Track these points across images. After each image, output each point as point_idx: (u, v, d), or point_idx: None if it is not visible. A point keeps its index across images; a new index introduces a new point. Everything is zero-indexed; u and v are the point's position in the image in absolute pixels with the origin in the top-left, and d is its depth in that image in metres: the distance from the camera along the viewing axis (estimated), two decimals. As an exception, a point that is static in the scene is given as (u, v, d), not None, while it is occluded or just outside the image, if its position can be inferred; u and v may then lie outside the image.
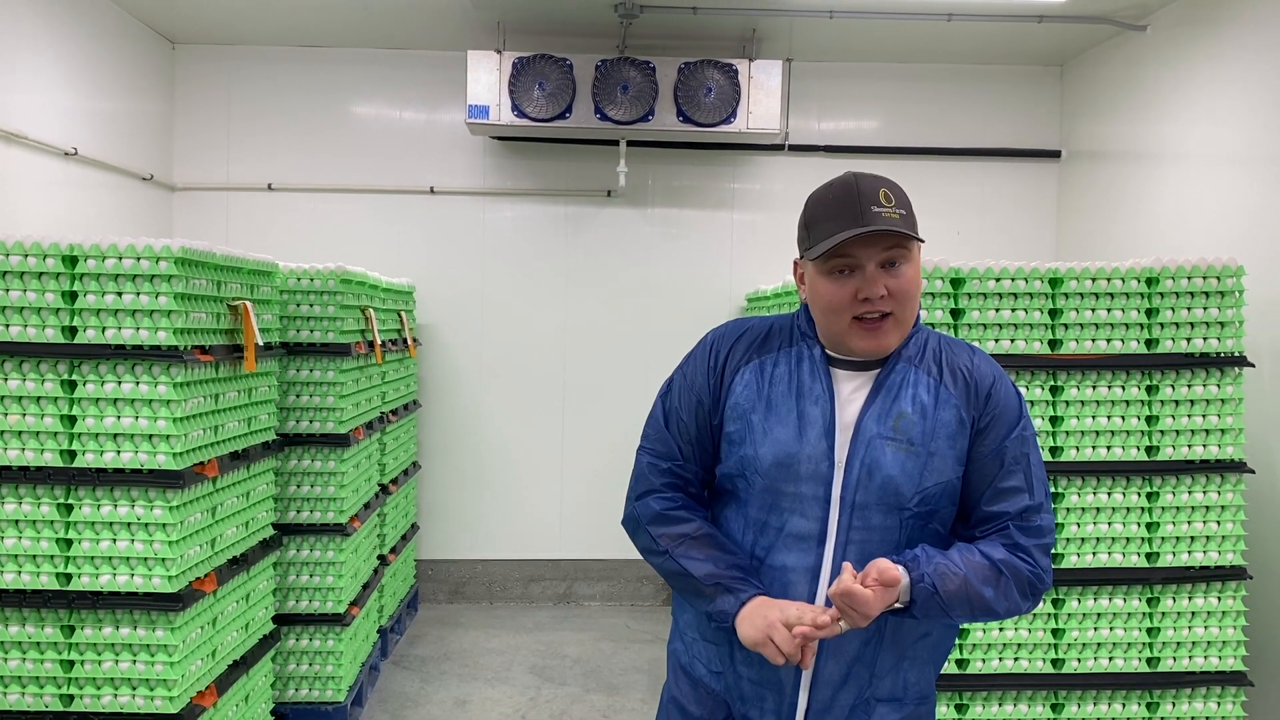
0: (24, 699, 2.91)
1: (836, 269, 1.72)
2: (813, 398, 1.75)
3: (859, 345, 1.74)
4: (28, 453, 2.88)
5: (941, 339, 1.85)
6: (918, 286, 1.75)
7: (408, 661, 5.08)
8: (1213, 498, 3.41)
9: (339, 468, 4.12)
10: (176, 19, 5.62)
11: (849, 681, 1.76)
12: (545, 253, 6.11)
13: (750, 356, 1.83)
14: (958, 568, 1.67)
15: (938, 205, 6.25)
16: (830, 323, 1.75)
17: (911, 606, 1.66)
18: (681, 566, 1.79)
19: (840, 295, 1.71)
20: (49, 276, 2.88)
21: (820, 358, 1.79)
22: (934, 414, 1.74)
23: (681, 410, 1.86)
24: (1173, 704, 3.44)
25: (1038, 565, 1.73)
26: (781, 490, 1.75)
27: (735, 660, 1.82)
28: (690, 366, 1.89)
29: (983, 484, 1.75)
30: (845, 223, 1.69)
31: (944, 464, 1.73)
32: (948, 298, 3.36)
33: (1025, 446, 1.77)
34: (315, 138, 6.09)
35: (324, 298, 4.10)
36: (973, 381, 1.77)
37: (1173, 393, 3.41)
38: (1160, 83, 5.07)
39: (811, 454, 1.73)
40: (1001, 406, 1.77)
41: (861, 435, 1.73)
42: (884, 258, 1.70)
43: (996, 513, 1.75)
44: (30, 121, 4.53)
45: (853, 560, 1.69)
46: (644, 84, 5.46)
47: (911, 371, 1.77)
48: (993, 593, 1.69)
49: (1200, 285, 3.39)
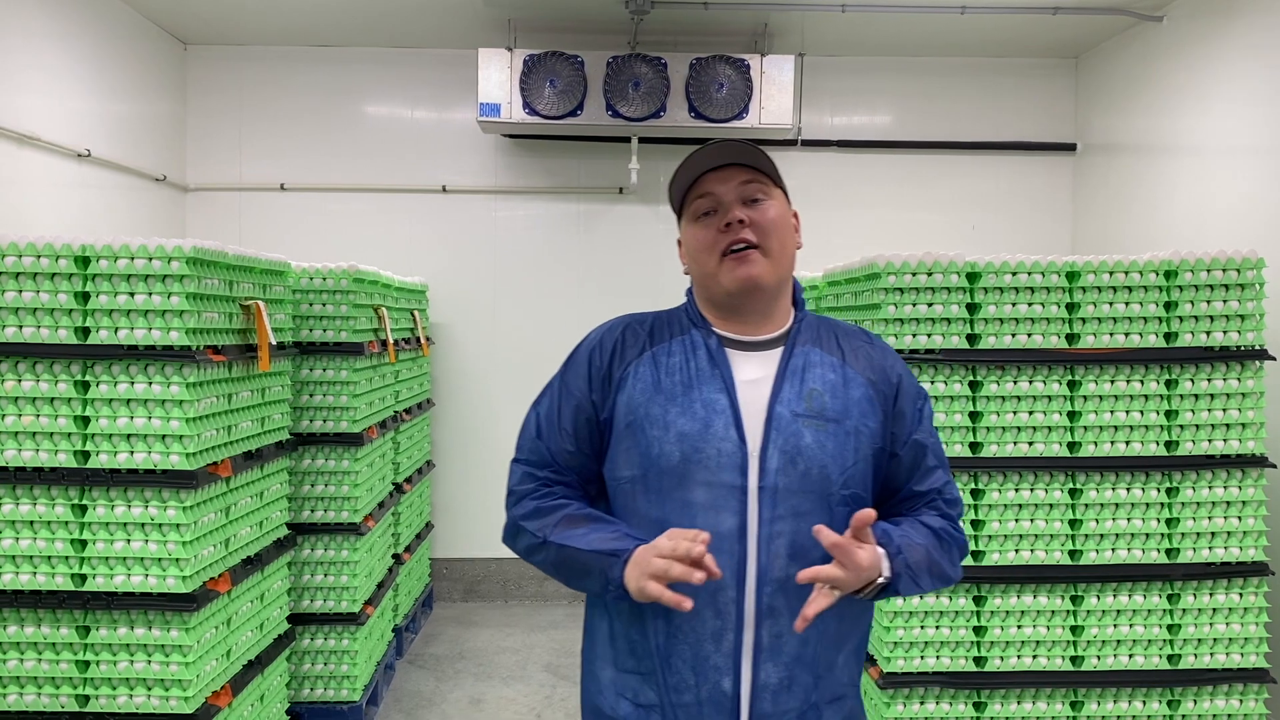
0: (40, 699, 2.92)
1: (700, 211, 1.71)
2: (714, 384, 1.67)
3: (728, 279, 1.67)
4: (42, 454, 2.88)
5: (834, 323, 1.81)
6: (786, 226, 1.72)
7: (423, 660, 5.08)
8: (1233, 493, 3.38)
9: (353, 467, 4.12)
10: (188, 20, 5.64)
11: (792, 686, 1.64)
12: (557, 250, 6.10)
13: (642, 349, 1.74)
14: (918, 539, 1.66)
15: (952, 200, 6.22)
16: (703, 266, 1.71)
17: (896, 580, 1.60)
18: (563, 546, 1.65)
19: (706, 235, 1.70)
20: (62, 277, 2.88)
21: (716, 343, 1.72)
22: (844, 392, 1.69)
23: (561, 418, 1.76)
24: (1194, 701, 3.40)
25: (962, 533, 1.76)
26: (692, 486, 1.63)
27: (668, 687, 1.65)
28: (570, 372, 1.79)
29: (909, 469, 1.75)
30: (701, 168, 1.70)
31: (861, 441, 1.68)
32: (964, 292, 3.33)
33: (932, 424, 1.79)
34: (327, 137, 6.09)
35: (337, 297, 4.10)
36: (878, 366, 1.75)
37: (1192, 387, 3.37)
38: (1177, 74, 5.02)
39: (721, 442, 1.63)
40: (910, 390, 1.76)
41: (776, 420, 1.64)
42: (742, 193, 1.69)
43: (925, 490, 1.75)
44: (44, 124, 4.54)
45: (782, 555, 1.61)
46: (655, 80, 5.44)
47: (815, 353, 1.72)
48: (946, 561, 1.70)
49: (1220, 278, 3.35)
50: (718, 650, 1.62)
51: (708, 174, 1.70)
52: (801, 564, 1.58)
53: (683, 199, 1.75)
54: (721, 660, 1.62)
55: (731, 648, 1.62)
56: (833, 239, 6.16)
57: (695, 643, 1.62)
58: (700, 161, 1.70)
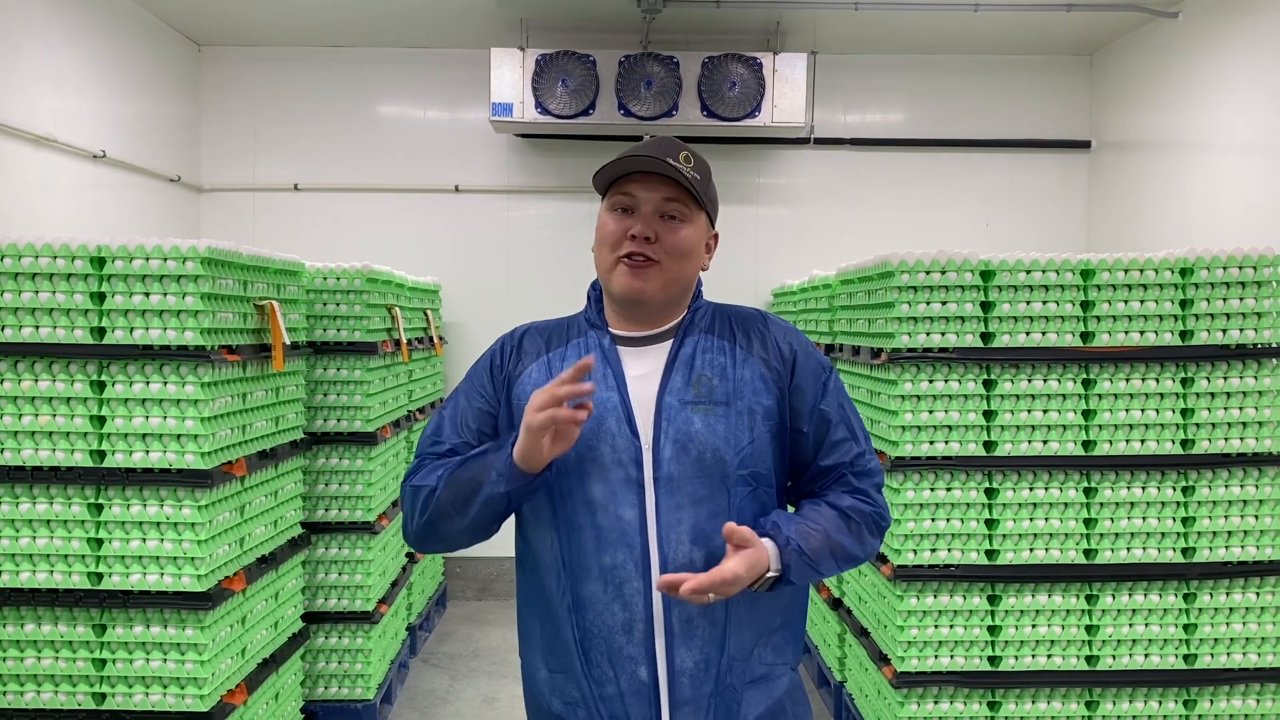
0: (57, 697, 2.94)
1: (618, 205, 1.72)
2: (605, 382, 1.70)
3: (618, 284, 1.70)
4: (58, 453, 2.90)
5: (728, 308, 1.82)
6: (693, 251, 1.72)
7: (436, 659, 5.09)
8: (1250, 491, 3.35)
9: (366, 466, 4.13)
10: (202, 21, 5.66)
11: (708, 669, 1.66)
12: (570, 249, 6.10)
13: (539, 354, 1.78)
14: (815, 524, 1.66)
15: (966, 197, 6.20)
16: (602, 257, 1.74)
17: (787, 571, 1.61)
18: (455, 475, 1.66)
19: (615, 230, 1.71)
20: (78, 278, 2.90)
21: (609, 342, 1.75)
22: (735, 373, 1.71)
23: (464, 419, 1.77)
24: (1210, 701, 3.38)
25: (876, 503, 1.74)
26: (591, 484, 1.66)
27: (591, 680, 1.68)
28: (475, 378, 1.81)
29: (815, 443, 1.74)
30: (635, 164, 1.69)
31: (755, 420, 1.69)
32: (978, 290, 3.32)
33: (840, 396, 1.78)
34: (340, 138, 6.11)
35: (350, 297, 4.11)
36: (772, 343, 1.75)
37: (1208, 385, 3.35)
38: (1192, 71, 4.99)
39: (613, 438, 1.66)
40: (809, 364, 1.76)
41: (665, 410, 1.67)
42: (664, 208, 1.69)
43: (832, 465, 1.74)
44: (60, 125, 4.57)
45: (685, 542, 1.63)
46: (667, 79, 5.44)
47: (704, 339, 1.74)
48: (850, 540, 1.69)
49: (1236, 275, 3.32)
50: (630, 641, 1.65)
51: (636, 174, 1.70)
52: (704, 549, 1.63)
53: (607, 186, 1.75)
54: (635, 650, 1.65)
55: (643, 637, 1.65)
56: (846, 237, 6.16)
57: (608, 635, 1.66)
58: (629, 165, 1.70)
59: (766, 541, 1.60)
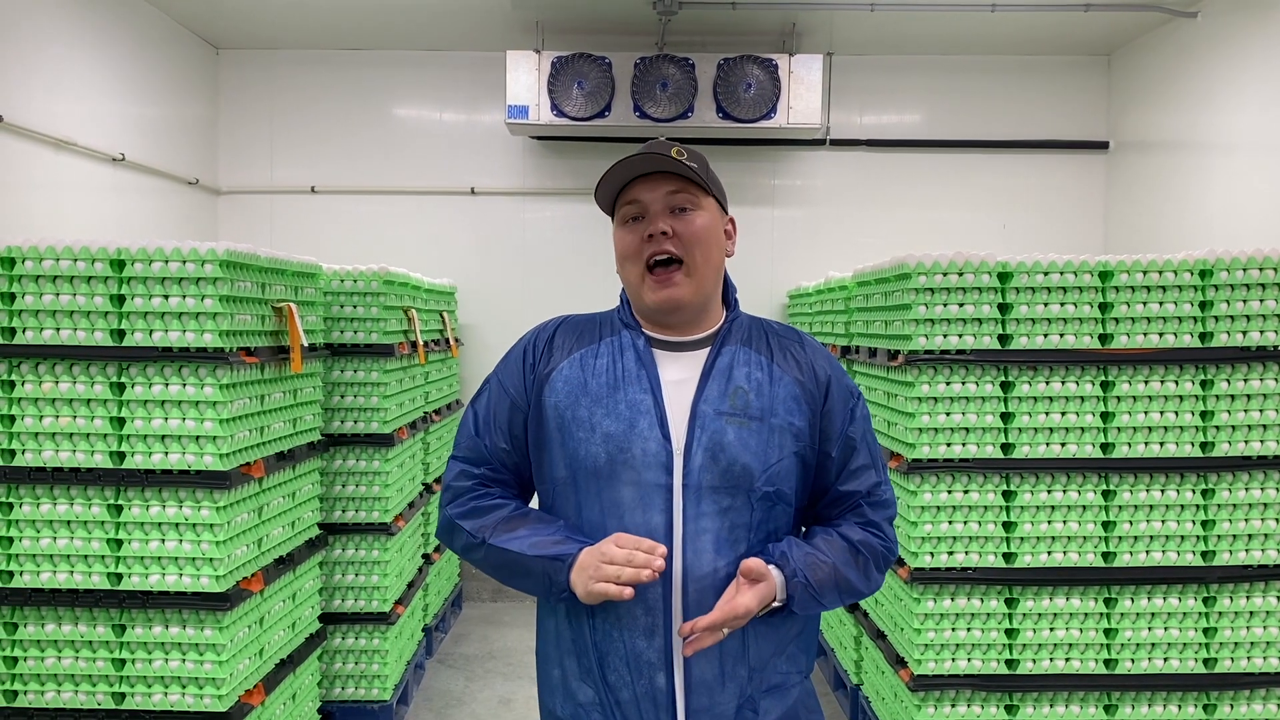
0: (77, 696, 2.96)
1: (628, 216, 1.71)
2: (640, 384, 1.68)
3: (650, 298, 1.69)
4: (78, 454, 2.92)
5: (765, 322, 1.82)
6: (712, 238, 1.71)
7: (452, 660, 5.10)
8: (1271, 495, 3.32)
9: (383, 467, 4.15)
10: (220, 25, 5.70)
11: (726, 681, 1.66)
12: (586, 251, 6.11)
13: (571, 351, 1.76)
14: (825, 556, 1.66)
15: (983, 198, 6.17)
16: (628, 274, 1.73)
17: (790, 603, 1.62)
18: (504, 549, 1.66)
19: (631, 241, 1.70)
20: (97, 280, 2.92)
21: (644, 344, 1.73)
22: (770, 390, 1.70)
23: (497, 416, 1.77)
24: (1230, 705, 3.36)
25: (887, 538, 1.75)
26: (620, 486, 1.65)
27: (607, 685, 1.68)
28: (506, 371, 1.80)
29: (837, 467, 1.74)
30: (631, 167, 1.69)
31: (785, 439, 1.68)
32: (995, 292, 3.30)
33: (865, 424, 1.78)
34: (357, 140, 6.14)
35: (367, 299, 4.12)
36: (807, 364, 1.75)
37: (1228, 387, 3.32)
38: (1211, 71, 4.95)
39: (646, 442, 1.65)
40: (841, 389, 1.76)
41: (699, 418, 1.66)
42: (671, 202, 1.69)
43: (850, 491, 1.74)
44: (79, 128, 4.61)
45: (708, 551, 1.63)
46: (683, 81, 5.44)
47: (741, 352, 1.73)
48: (856, 574, 1.69)
49: (1256, 277, 3.30)
50: (650, 646, 1.64)
51: (637, 180, 1.70)
52: (725, 558, 1.63)
53: (613, 203, 1.75)
54: (655, 656, 1.64)
55: (663, 644, 1.64)
56: (862, 239, 6.14)
57: (629, 640, 1.65)
58: (626, 170, 1.70)
59: (774, 570, 1.61)
